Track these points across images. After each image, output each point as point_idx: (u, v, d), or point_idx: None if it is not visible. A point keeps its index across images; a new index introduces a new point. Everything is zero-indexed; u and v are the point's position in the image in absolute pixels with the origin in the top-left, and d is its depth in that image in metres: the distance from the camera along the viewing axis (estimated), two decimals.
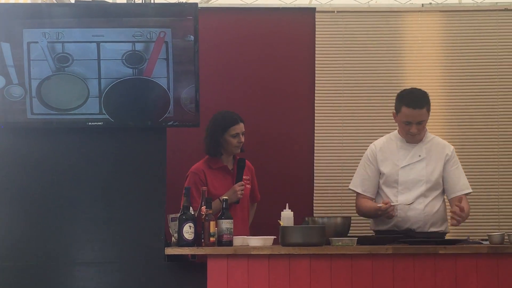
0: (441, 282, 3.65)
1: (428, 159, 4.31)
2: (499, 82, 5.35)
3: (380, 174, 4.35)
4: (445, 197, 4.39)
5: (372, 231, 4.45)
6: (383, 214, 4.16)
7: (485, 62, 5.36)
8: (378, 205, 4.19)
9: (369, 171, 4.37)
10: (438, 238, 4.02)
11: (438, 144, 4.38)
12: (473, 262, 3.67)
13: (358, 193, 4.40)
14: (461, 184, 4.34)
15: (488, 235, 3.86)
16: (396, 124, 4.39)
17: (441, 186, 4.35)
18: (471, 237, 4.19)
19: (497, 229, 5.11)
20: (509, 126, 5.33)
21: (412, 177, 4.28)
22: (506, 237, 3.86)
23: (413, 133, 4.25)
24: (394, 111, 4.33)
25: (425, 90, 4.36)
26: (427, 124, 4.34)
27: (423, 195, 4.27)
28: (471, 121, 5.32)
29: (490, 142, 5.32)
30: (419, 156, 4.31)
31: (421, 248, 3.70)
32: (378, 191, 4.38)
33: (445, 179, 4.33)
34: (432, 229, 4.28)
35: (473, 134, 5.33)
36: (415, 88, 4.38)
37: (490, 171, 5.31)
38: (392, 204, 4.16)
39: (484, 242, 3.91)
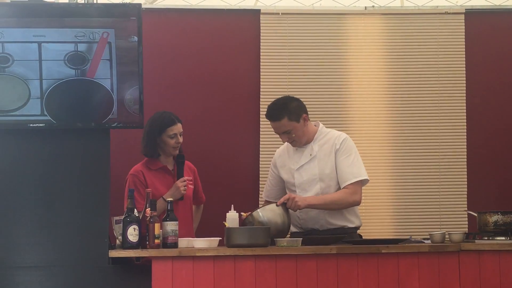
0: (384, 280, 3.70)
1: (320, 156, 4.29)
2: (439, 83, 5.47)
3: (283, 181, 4.39)
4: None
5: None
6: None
7: (426, 64, 5.47)
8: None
9: (271, 177, 4.47)
10: (342, 234, 4.11)
11: (331, 138, 4.32)
12: (415, 261, 3.73)
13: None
14: (348, 173, 4.20)
15: (429, 234, 3.93)
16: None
17: None
18: (413, 236, 4.26)
19: (439, 228, 5.22)
20: (449, 127, 5.45)
21: (306, 177, 4.28)
22: (446, 236, 3.94)
23: (285, 141, 4.29)
24: None
25: (292, 98, 4.32)
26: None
27: (320, 193, 4.25)
28: (412, 122, 5.42)
29: (431, 142, 5.42)
30: (310, 155, 4.30)
31: (364, 247, 3.75)
32: None
33: (336, 170, 4.26)
34: (337, 223, 4.25)
35: (415, 134, 5.43)
36: (280, 98, 4.35)
37: (431, 171, 5.41)
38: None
39: (425, 241, 3.98)
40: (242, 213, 4.01)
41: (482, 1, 5.62)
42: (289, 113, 4.24)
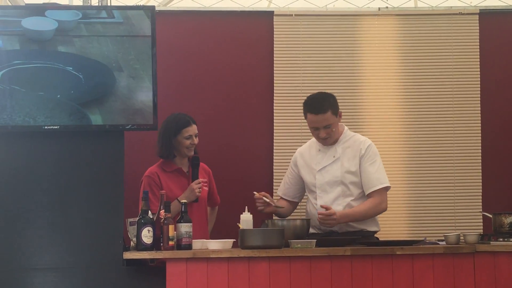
0: (399, 282, 3.69)
1: (343, 159, 4.28)
2: (453, 84, 5.44)
3: (302, 180, 4.39)
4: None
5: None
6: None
7: (440, 64, 5.45)
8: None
9: (290, 176, 4.46)
10: (356, 236, 4.11)
11: (355, 141, 4.32)
12: (429, 262, 3.72)
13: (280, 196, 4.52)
14: (374, 179, 4.24)
15: (444, 236, 3.91)
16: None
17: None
18: (428, 238, 4.24)
19: (453, 229, 5.19)
20: (464, 127, 5.42)
21: (328, 179, 4.28)
22: (461, 237, 3.92)
23: (322, 137, 4.25)
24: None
25: (329, 93, 4.32)
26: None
27: (342, 195, 4.26)
28: (426, 122, 5.40)
29: (445, 143, 5.40)
30: (334, 157, 4.29)
31: (379, 249, 3.74)
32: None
33: (361, 175, 4.27)
34: (356, 226, 4.26)
35: (429, 135, 5.40)
36: (319, 93, 4.35)
37: (446, 172, 5.38)
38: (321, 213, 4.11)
39: (440, 243, 3.96)
40: (255, 192, 4.13)
41: (497, 1, 5.59)
42: (332, 107, 4.23)
